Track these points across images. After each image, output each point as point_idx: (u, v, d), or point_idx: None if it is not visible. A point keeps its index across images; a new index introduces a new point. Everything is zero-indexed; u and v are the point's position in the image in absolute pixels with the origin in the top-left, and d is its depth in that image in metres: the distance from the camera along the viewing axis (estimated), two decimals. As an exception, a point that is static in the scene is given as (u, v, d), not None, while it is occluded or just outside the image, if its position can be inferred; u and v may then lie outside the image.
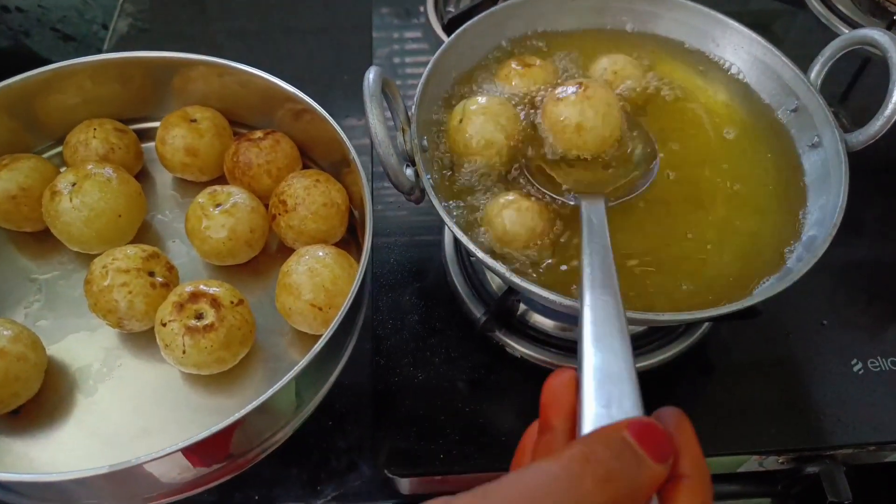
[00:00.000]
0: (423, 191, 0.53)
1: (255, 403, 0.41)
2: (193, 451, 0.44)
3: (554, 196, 0.55)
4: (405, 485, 0.58)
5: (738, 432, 0.60)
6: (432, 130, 0.60)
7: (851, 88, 0.83)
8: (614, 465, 0.26)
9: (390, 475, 0.57)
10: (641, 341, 0.63)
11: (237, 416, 0.41)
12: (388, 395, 0.61)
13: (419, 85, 0.59)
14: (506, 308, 0.62)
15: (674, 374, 0.63)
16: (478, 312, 0.63)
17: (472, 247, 0.50)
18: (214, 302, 0.48)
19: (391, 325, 0.64)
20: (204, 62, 0.62)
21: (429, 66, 0.61)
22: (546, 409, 0.32)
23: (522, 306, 0.64)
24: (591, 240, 0.45)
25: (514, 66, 0.62)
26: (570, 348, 0.63)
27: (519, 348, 0.63)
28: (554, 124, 0.57)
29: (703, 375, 0.63)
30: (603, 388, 0.32)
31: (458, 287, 0.66)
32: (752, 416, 0.61)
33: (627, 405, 0.30)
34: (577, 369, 0.33)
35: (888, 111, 0.55)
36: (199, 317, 0.49)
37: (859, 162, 0.78)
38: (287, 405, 0.49)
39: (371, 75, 0.52)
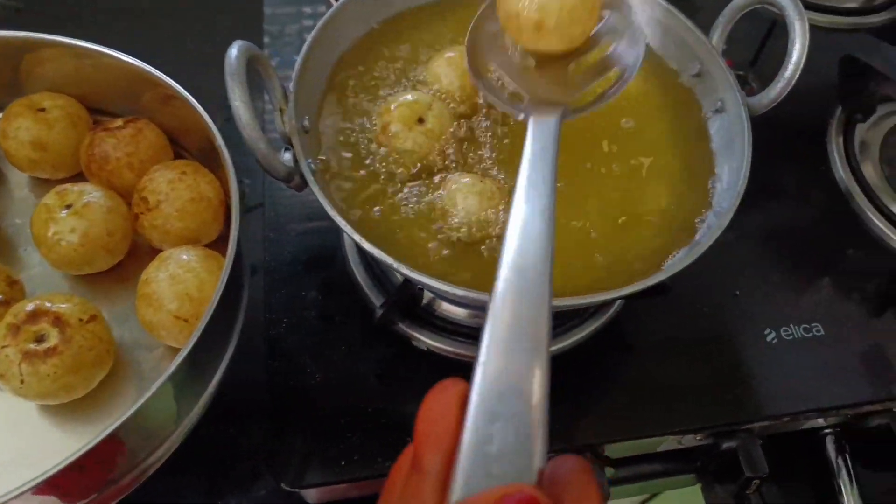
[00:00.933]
0: (304, 176, 0.49)
1: (95, 440, 0.35)
2: (52, 486, 0.39)
3: (505, 106, 0.47)
4: (312, 494, 0.54)
5: (655, 412, 0.58)
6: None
7: (761, 51, 0.82)
8: None
9: (289, 489, 0.52)
10: (552, 322, 0.60)
11: (85, 447, 0.36)
12: (284, 400, 0.56)
13: (297, 61, 0.54)
14: (408, 297, 0.58)
15: (590, 355, 0.60)
16: (379, 303, 0.59)
17: (356, 237, 0.46)
18: (58, 321, 0.42)
19: (286, 324, 0.59)
20: (54, 43, 0.54)
21: (308, 40, 0.55)
22: (418, 441, 0.25)
23: (428, 294, 0.61)
24: (530, 176, 0.36)
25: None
26: (483, 337, 0.60)
27: (425, 340, 0.59)
28: (508, 19, 0.46)
29: (619, 353, 0.61)
30: (493, 420, 0.25)
31: (359, 277, 0.62)
32: (668, 395, 0.59)
33: (520, 448, 0.24)
34: (471, 381, 0.26)
35: (788, 73, 0.53)
36: (40, 339, 0.43)
37: (774, 127, 0.76)
38: (161, 421, 0.44)
39: (233, 51, 0.46)
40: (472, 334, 0.60)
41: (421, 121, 0.54)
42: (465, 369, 0.58)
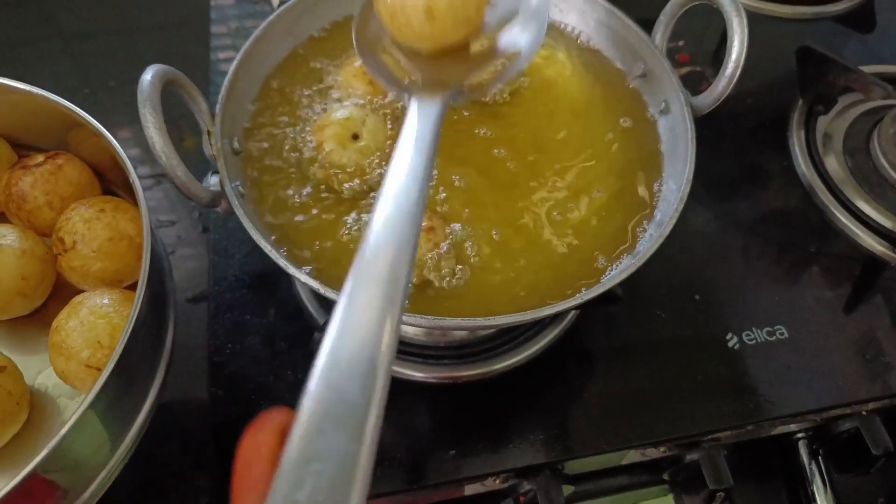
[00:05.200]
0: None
1: None
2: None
3: (392, 88, 0.44)
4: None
5: (612, 426, 0.56)
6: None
7: (721, 46, 0.79)
8: None
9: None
10: (504, 336, 0.59)
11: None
12: (228, 432, 0.55)
13: (224, 82, 0.53)
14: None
15: (545, 367, 0.58)
16: (325, 327, 0.57)
17: (281, 262, 0.45)
18: (-39, 377, 0.41)
19: (230, 351, 0.58)
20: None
21: (236, 59, 0.54)
22: (234, 487, 0.23)
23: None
24: (397, 170, 0.32)
25: None
26: (437, 356, 0.58)
27: (374, 363, 0.57)
28: (393, 15, 0.42)
29: (576, 364, 0.59)
30: (309, 460, 0.22)
31: (304, 298, 0.60)
32: (626, 407, 0.57)
33: (335, 496, 0.21)
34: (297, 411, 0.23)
35: (728, 71, 0.51)
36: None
37: (735, 121, 0.74)
38: (85, 460, 0.42)
39: (147, 76, 0.45)
40: (423, 353, 0.58)
41: (356, 137, 0.53)
42: (416, 390, 0.57)
